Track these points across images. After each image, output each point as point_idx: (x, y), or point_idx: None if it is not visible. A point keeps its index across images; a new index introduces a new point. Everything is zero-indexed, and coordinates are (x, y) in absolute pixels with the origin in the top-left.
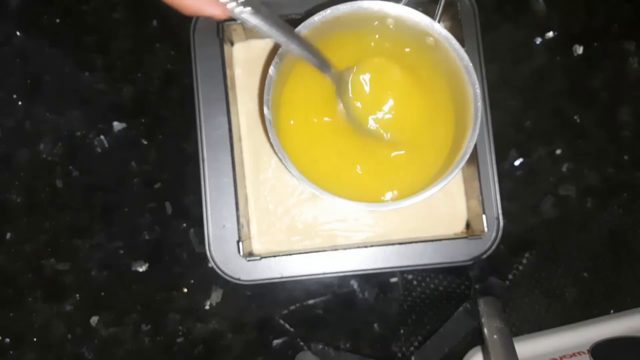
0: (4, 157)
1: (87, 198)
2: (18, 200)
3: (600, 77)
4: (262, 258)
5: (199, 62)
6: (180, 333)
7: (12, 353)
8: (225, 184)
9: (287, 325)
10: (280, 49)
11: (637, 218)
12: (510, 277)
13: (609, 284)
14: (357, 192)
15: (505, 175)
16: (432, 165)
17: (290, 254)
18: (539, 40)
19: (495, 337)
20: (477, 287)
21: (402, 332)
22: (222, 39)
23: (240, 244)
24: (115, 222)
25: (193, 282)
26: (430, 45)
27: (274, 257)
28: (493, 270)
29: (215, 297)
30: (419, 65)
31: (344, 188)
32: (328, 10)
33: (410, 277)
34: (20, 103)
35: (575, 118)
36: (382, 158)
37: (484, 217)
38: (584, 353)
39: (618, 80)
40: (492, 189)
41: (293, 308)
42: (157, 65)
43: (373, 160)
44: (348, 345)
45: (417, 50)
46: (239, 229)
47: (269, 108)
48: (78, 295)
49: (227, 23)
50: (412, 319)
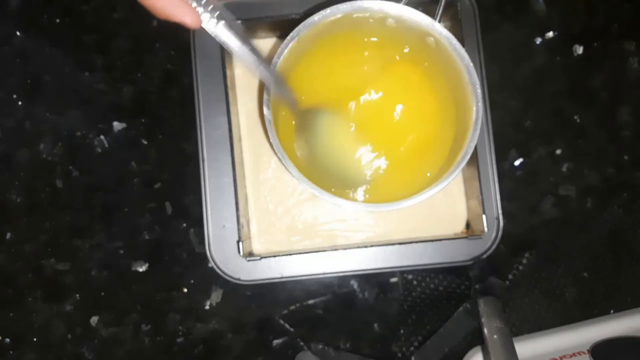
0: (4, 157)
1: (87, 198)
2: (18, 200)
3: (600, 77)
4: (262, 258)
5: (199, 62)
6: (180, 333)
7: (12, 353)
8: (225, 184)
9: (287, 325)
10: (280, 48)
11: (637, 218)
12: (510, 277)
13: (609, 284)
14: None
15: (505, 175)
16: (432, 165)
17: (290, 254)
18: (539, 40)
19: (495, 337)
20: (477, 287)
21: (402, 332)
22: None
23: (240, 244)
24: (115, 222)
25: (193, 282)
26: (431, 46)
27: (274, 257)
28: (493, 270)
29: (215, 297)
30: (419, 65)
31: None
32: (328, 10)
33: (410, 277)
34: (20, 103)
35: (575, 118)
36: (382, 158)
37: (484, 217)
38: (584, 353)
39: (618, 80)
40: (492, 189)
41: (293, 308)
42: (157, 65)
43: (373, 160)
44: (348, 345)
45: (417, 51)
46: (239, 229)
47: (269, 108)
48: (78, 295)
49: None
50: (412, 319)
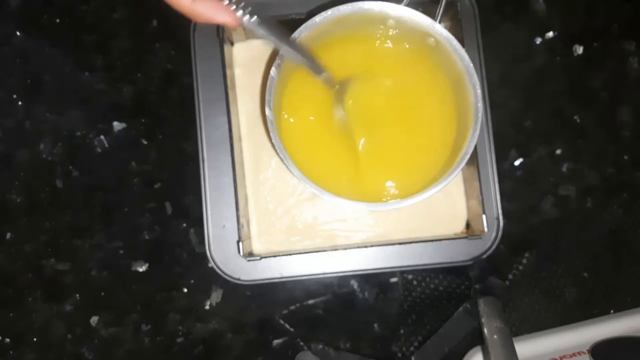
0: (4, 157)
1: (87, 198)
2: (18, 200)
3: (600, 77)
4: (262, 258)
5: (199, 62)
6: (180, 333)
7: (12, 353)
8: (225, 184)
9: (287, 325)
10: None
11: (637, 218)
12: (510, 277)
13: (609, 284)
14: (357, 191)
15: (505, 175)
16: (432, 165)
17: (290, 254)
18: (539, 40)
19: (495, 337)
20: (477, 287)
21: (402, 332)
22: (222, 39)
23: (240, 244)
24: (115, 222)
25: (193, 282)
26: (431, 46)
27: (274, 257)
28: (493, 270)
29: (215, 297)
30: (420, 66)
31: (344, 188)
32: (329, 11)
33: (410, 277)
34: (20, 103)
35: (575, 118)
36: (382, 158)
37: (484, 217)
38: (584, 353)
39: (618, 80)
40: (492, 189)
41: (293, 308)
42: (157, 65)
43: (374, 161)
44: (348, 345)
45: (417, 51)
46: (239, 229)
47: (271, 109)
48: (78, 295)
49: None
50: (412, 319)
